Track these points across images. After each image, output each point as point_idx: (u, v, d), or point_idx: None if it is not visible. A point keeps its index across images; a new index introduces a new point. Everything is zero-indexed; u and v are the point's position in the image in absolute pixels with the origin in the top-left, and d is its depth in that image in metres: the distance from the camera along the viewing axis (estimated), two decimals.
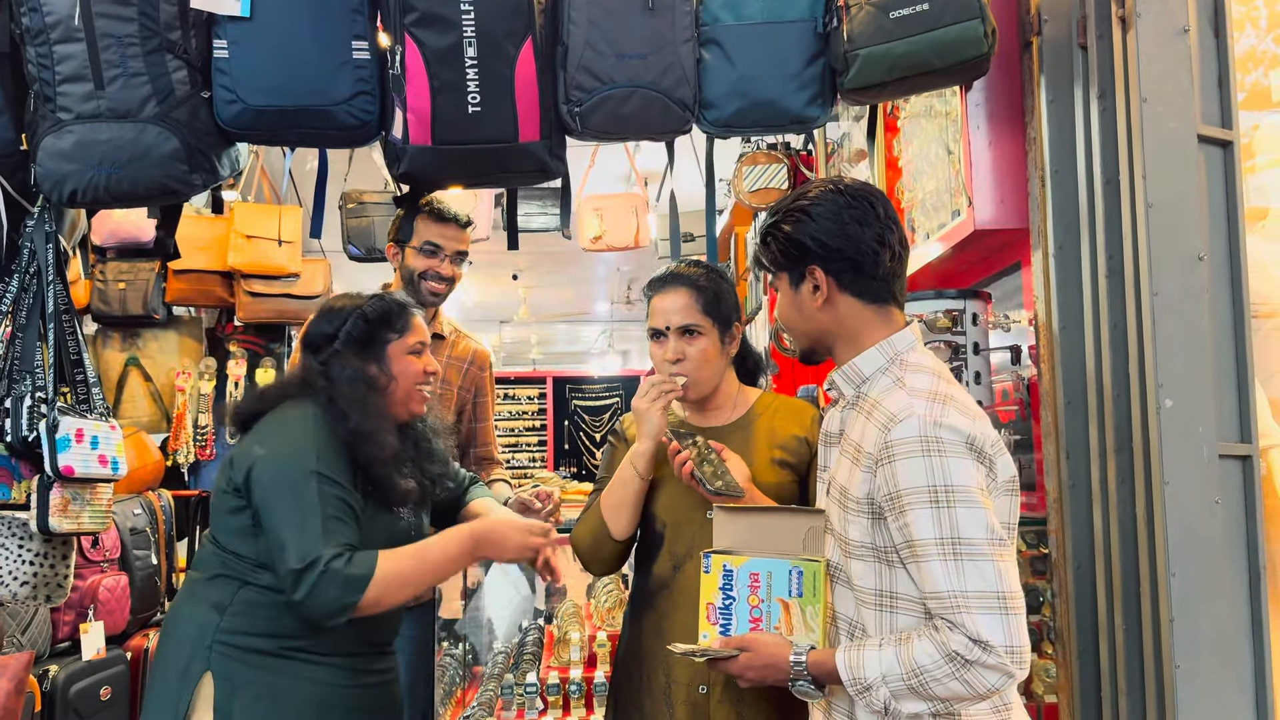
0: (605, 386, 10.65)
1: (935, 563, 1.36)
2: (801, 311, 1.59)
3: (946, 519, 1.36)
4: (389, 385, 1.99)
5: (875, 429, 1.45)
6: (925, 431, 1.39)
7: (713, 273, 2.02)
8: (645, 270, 9.41)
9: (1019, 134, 2.29)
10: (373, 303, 2.03)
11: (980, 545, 1.35)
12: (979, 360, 2.30)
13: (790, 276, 1.59)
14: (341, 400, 1.92)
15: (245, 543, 1.87)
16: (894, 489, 1.40)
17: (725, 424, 1.99)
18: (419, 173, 2.15)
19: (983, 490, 1.39)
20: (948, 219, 2.46)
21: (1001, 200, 2.29)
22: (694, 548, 1.89)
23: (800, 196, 1.59)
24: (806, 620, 1.51)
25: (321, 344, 2.00)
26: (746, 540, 1.59)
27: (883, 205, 1.57)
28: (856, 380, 1.56)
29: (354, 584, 1.79)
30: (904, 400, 1.45)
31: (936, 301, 2.30)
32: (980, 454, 1.41)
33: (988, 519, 1.37)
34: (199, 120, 2.10)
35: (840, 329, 1.57)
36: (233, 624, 1.85)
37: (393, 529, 1.95)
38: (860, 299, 1.55)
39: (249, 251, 3.88)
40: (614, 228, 4.24)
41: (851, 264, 1.54)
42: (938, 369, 1.53)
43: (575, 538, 1.98)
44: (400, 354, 2.01)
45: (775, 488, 1.88)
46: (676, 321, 1.94)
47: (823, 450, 1.65)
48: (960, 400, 1.47)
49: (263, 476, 1.85)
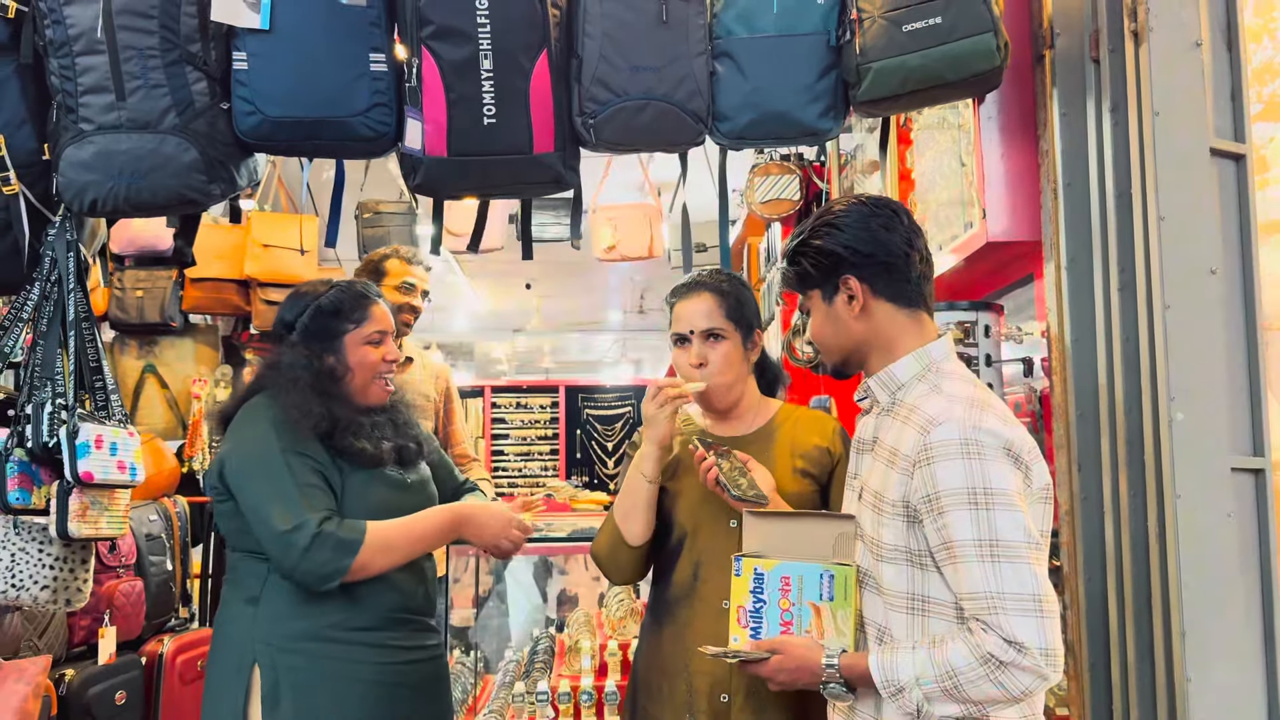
0: (618, 396, 10.64)
1: (973, 564, 1.37)
2: (837, 325, 1.61)
3: (985, 521, 1.37)
4: (345, 375, 2.05)
5: (913, 432, 1.47)
6: (965, 435, 1.41)
7: (735, 280, 2.05)
8: (658, 280, 9.42)
9: (1031, 147, 2.30)
10: (330, 294, 2.09)
11: (1018, 548, 1.37)
12: (991, 372, 2.30)
13: (824, 291, 1.61)
14: (283, 386, 2.00)
15: (250, 537, 1.93)
16: (933, 490, 1.42)
17: (747, 433, 2.00)
18: (435, 183, 2.18)
19: (1020, 494, 1.41)
20: (960, 230, 2.47)
21: (1014, 212, 2.30)
22: (716, 556, 1.90)
23: (825, 213, 1.63)
24: (837, 624, 1.52)
25: (281, 333, 2.09)
26: (776, 544, 1.61)
27: (906, 214, 1.62)
28: (892, 386, 1.58)
29: (346, 546, 1.86)
30: (943, 404, 1.47)
31: (949, 313, 2.30)
32: (1018, 460, 1.43)
33: (1025, 522, 1.38)
34: (218, 131, 2.12)
35: (876, 338, 1.59)
36: (269, 612, 1.92)
37: (387, 480, 2.03)
38: (895, 303, 1.58)
39: (266, 260, 3.92)
40: (627, 238, 4.26)
41: (884, 268, 1.57)
42: (973, 378, 1.56)
43: (594, 548, 2.00)
44: (357, 344, 2.07)
45: (797, 497, 1.90)
46: (701, 325, 1.96)
47: (854, 457, 1.67)
48: (998, 407, 1.49)
49: (233, 466, 1.93)
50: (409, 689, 1.98)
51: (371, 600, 1.96)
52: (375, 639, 1.95)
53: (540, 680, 3.58)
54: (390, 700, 1.94)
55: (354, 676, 1.91)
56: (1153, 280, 1.93)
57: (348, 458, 2.00)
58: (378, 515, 1.97)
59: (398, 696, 1.95)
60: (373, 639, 1.95)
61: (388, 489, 2.06)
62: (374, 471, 2.04)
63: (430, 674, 2.05)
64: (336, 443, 1.99)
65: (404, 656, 1.99)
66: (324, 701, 1.89)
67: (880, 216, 1.58)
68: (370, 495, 2.01)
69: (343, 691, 1.90)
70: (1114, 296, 2.03)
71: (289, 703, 1.87)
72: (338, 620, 1.93)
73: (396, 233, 4.05)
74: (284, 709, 1.86)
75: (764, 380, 2.11)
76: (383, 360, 2.09)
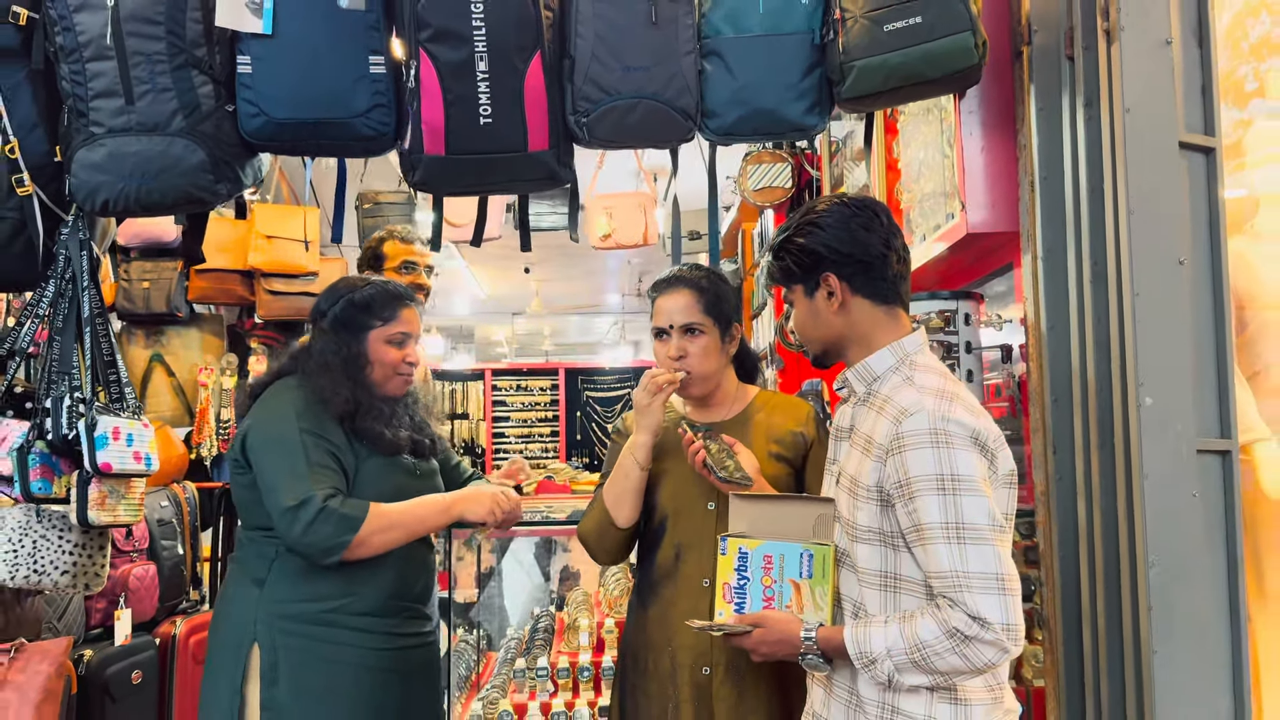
0: (617, 378, 10.73)
1: (940, 545, 1.46)
2: (818, 319, 1.69)
3: (952, 505, 1.46)
4: (365, 368, 2.16)
5: (887, 422, 1.56)
6: (934, 425, 1.50)
7: (714, 275, 2.12)
8: (656, 263, 9.47)
9: (1010, 140, 2.37)
10: (365, 290, 2.21)
11: (982, 530, 1.45)
12: (971, 359, 2.38)
13: (805, 286, 1.70)
14: (314, 370, 2.12)
15: (263, 511, 2.03)
16: (904, 476, 1.50)
17: (725, 419, 2.08)
18: (433, 181, 2.25)
19: (985, 481, 1.49)
20: (943, 220, 2.54)
21: (994, 204, 2.37)
22: (696, 537, 1.99)
23: (808, 212, 1.71)
24: (815, 600, 1.61)
25: (316, 318, 2.21)
26: (760, 526, 1.69)
27: (885, 214, 1.70)
28: (868, 378, 1.66)
29: (348, 522, 1.96)
30: (914, 396, 1.55)
31: (930, 302, 2.38)
32: (984, 448, 1.51)
33: (989, 507, 1.47)
34: (224, 132, 2.20)
35: (853, 332, 1.68)
36: (273, 593, 2.01)
37: (402, 467, 2.15)
38: (872, 300, 1.66)
39: (270, 251, 3.99)
40: (623, 226, 4.33)
41: (862, 267, 1.65)
42: (944, 371, 1.64)
43: (582, 530, 2.09)
44: (379, 341, 2.17)
45: (773, 479, 1.98)
46: (679, 320, 2.03)
47: (833, 444, 1.75)
48: (966, 399, 1.57)
49: (253, 440, 2.04)
50: (400, 675, 2.08)
51: (372, 586, 2.06)
52: (372, 625, 2.05)
53: (540, 657, 3.68)
54: (383, 685, 2.04)
55: (349, 660, 2.01)
56: (1123, 270, 2.01)
57: (368, 441, 2.11)
58: (391, 499, 2.08)
59: (389, 681, 2.06)
60: (370, 624, 2.05)
61: (403, 475, 2.16)
62: (391, 459, 2.14)
63: (422, 661, 2.16)
64: (359, 425, 2.11)
65: (399, 643, 2.09)
66: (319, 681, 1.98)
67: (860, 217, 1.66)
68: (385, 480, 2.12)
69: (337, 674, 2.00)
70: (1087, 286, 2.11)
71: (286, 681, 1.96)
72: (338, 605, 2.03)
73: (396, 223, 4.12)
74: (281, 687, 1.96)
75: (743, 369, 2.19)
76: (402, 361, 2.19)
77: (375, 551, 2.02)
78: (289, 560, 2.02)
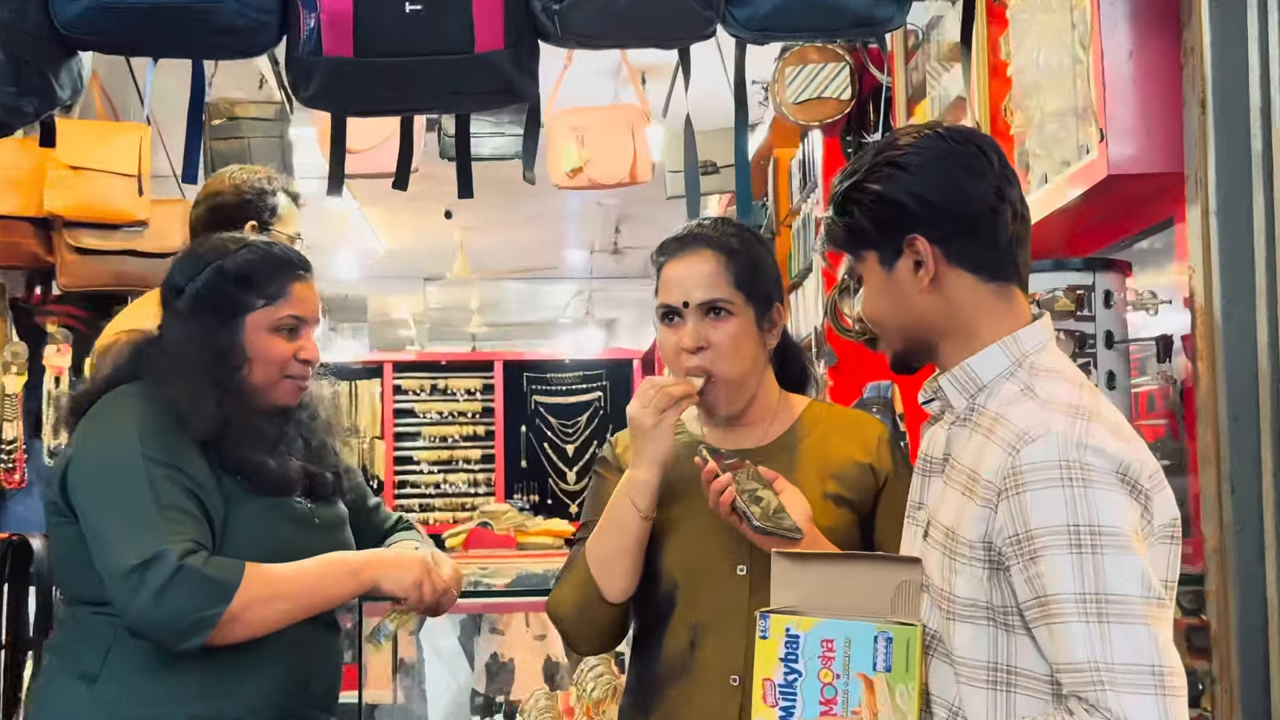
0: (582, 376, 10.81)
1: (1074, 625, 1.52)
2: (898, 299, 1.77)
3: (1091, 568, 1.52)
4: (240, 367, 2.22)
5: (998, 451, 1.62)
6: (1066, 454, 1.56)
7: (748, 234, 2.20)
8: (641, 204, 9.52)
9: (1173, 40, 2.45)
10: (240, 254, 2.27)
11: (1132, 604, 1.52)
12: (1112, 356, 2.47)
13: (881, 252, 1.77)
14: (166, 372, 2.18)
15: (94, 578, 2.08)
16: (1023, 528, 1.57)
17: (761, 444, 2.15)
18: (335, 95, 2.31)
19: (1136, 534, 1.56)
20: (1074, 155, 2.63)
21: (1147, 133, 2.45)
22: (720, 615, 2.06)
23: (888, 146, 1.78)
24: (896, 702, 1.66)
25: (170, 296, 2.28)
26: (817, 597, 1.75)
27: (997, 154, 1.77)
28: (971, 388, 1.74)
29: (216, 590, 2.02)
30: (1037, 414, 1.62)
31: (1055, 275, 2.46)
32: (1135, 487, 1.58)
33: (1143, 570, 1.53)
34: (28, 22, 2.24)
35: (949, 320, 1.75)
36: (107, 694, 2.07)
37: (291, 513, 2.22)
38: (977, 274, 1.73)
39: (75, 190, 4.02)
40: (601, 155, 4.41)
41: (965, 227, 1.72)
42: (1078, 377, 1.72)
43: (555, 604, 2.16)
44: (261, 328, 2.24)
45: (830, 530, 2.05)
46: (698, 296, 2.10)
47: (917, 481, 1.82)
48: (1109, 416, 1.64)
49: (78, 474, 2.10)
50: None
51: (253, 684, 2.12)
52: None
53: None
54: None
55: None
56: None
57: (243, 475, 2.18)
58: (276, 558, 2.14)
59: None
60: None
61: (291, 525, 2.23)
62: (276, 501, 2.21)
63: None
64: (228, 453, 2.17)
65: None
66: None
67: (961, 156, 1.73)
68: (266, 531, 2.18)
69: None
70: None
71: None
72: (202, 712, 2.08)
73: (262, 146, 4.18)
74: None
75: (787, 372, 2.27)
76: (294, 359, 2.26)
77: (255, 632, 2.07)
78: (131, 646, 2.08)
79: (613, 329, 14.50)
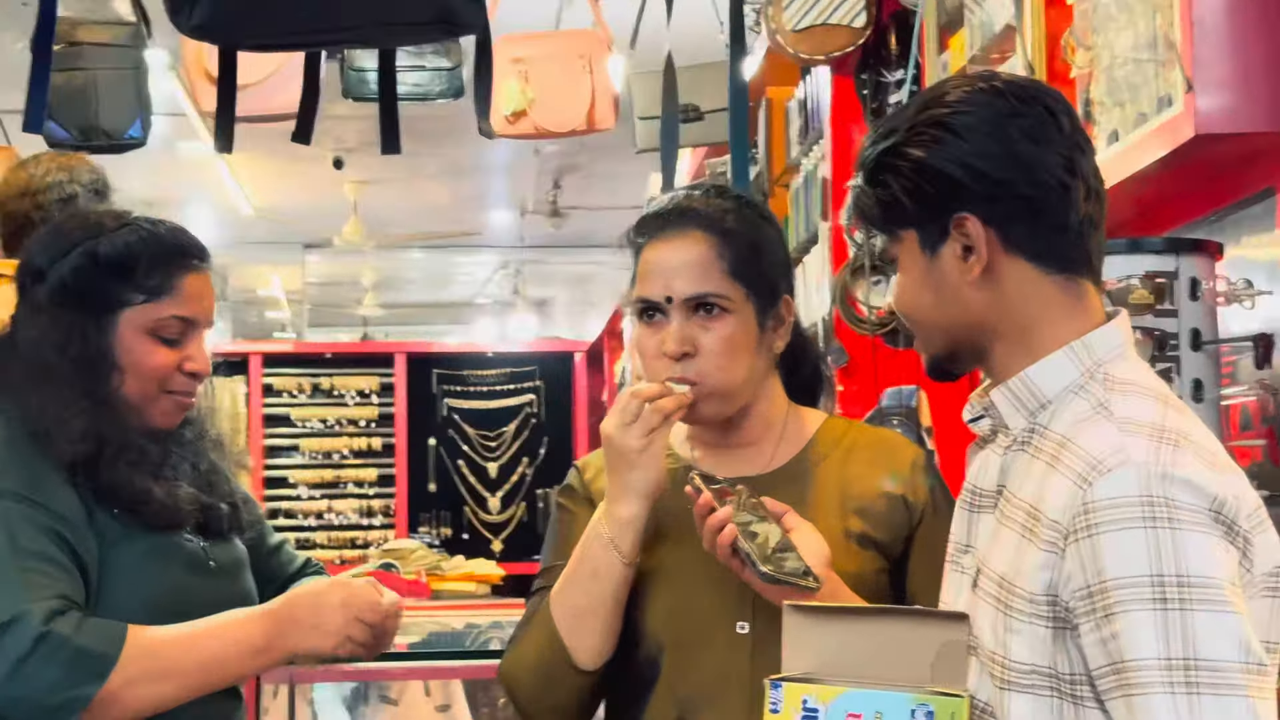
0: (509, 373, 10.83)
1: (1158, 697, 1.57)
2: (941, 291, 1.83)
3: (1179, 629, 1.58)
4: (110, 374, 2.28)
5: (1066, 483, 1.69)
6: (1149, 489, 1.62)
7: (748, 208, 2.27)
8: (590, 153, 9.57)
9: None
10: (118, 235, 2.32)
11: (1230, 673, 1.57)
12: (1200, 360, 2.54)
13: (922, 234, 1.83)
14: (23, 379, 2.24)
15: None
16: (1096, 580, 1.63)
17: (765, 470, 2.23)
18: (228, 25, 2.39)
19: (1234, 586, 1.62)
20: (1150, 109, 2.71)
21: (1244, 84, 2.53)
22: (716, 682, 2.12)
23: (933, 103, 1.83)
24: None
25: (25, 285, 2.34)
26: (840, 661, 1.80)
27: (1069, 116, 1.83)
28: (1031, 404, 1.81)
29: (89, 663, 2.07)
30: (1113, 438, 1.68)
31: (1129, 259, 2.51)
32: (1231, 528, 1.64)
33: (1241, 631, 1.59)
34: None
35: (1004, 319, 1.82)
36: None
37: (182, 555, 2.29)
38: (1039, 264, 1.80)
39: None
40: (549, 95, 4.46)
41: (1026, 205, 1.78)
42: (1162, 391, 1.79)
43: (511, 670, 2.22)
44: (138, 330, 2.30)
45: (853, 579, 2.12)
46: (684, 289, 2.16)
47: (963, 518, 1.89)
48: (1200, 439, 1.71)
49: None
50: None
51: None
52: None
53: None
54: None
55: None
56: None
57: (121, 507, 2.24)
58: (162, 612, 2.19)
59: None
60: None
61: (182, 569, 2.30)
62: (161, 537, 2.27)
63: None
64: (103, 479, 2.22)
65: None
66: None
67: (1024, 117, 1.78)
68: (153, 578, 2.24)
69: None
70: None
71: None
72: None
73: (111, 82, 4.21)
74: None
75: (797, 380, 2.35)
76: (177, 370, 2.32)
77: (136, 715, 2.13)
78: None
79: (548, 312, 14.55)
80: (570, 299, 14.47)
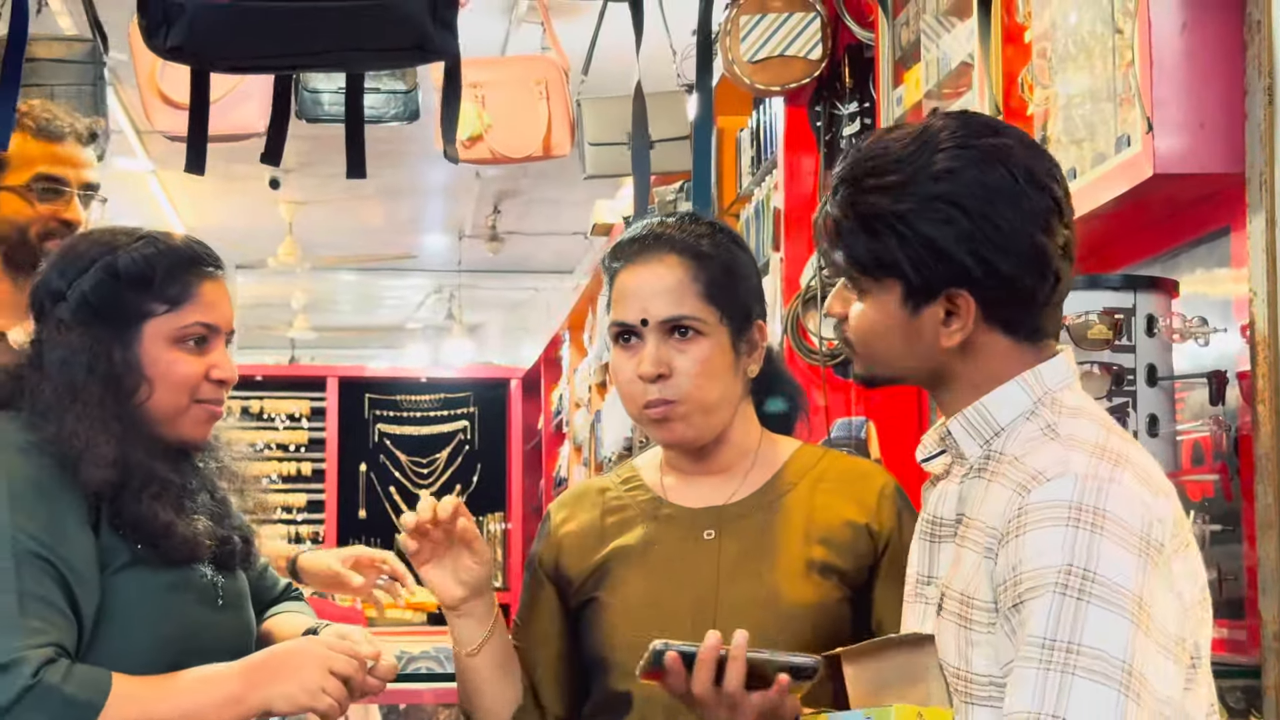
0: (443, 399, 10.81)
1: (1030, 670, 1.64)
2: (913, 343, 1.89)
3: (1070, 614, 1.64)
4: (138, 388, 2.31)
5: (1007, 492, 1.77)
6: (1083, 498, 1.69)
7: (722, 234, 2.34)
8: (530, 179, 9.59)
9: (1235, 13, 2.59)
10: (134, 249, 2.35)
11: (1110, 665, 1.62)
12: (1155, 396, 2.62)
13: (908, 290, 1.87)
14: (52, 402, 2.26)
15: None
16: (1013, 572, 1.70)
17: (733, 500, 2.29)
18: (204, 48, 2.42)
19: (1143, 607, 1.66)
20: (1109, 149, 2.78)
21: (1202, 124, 2.60)
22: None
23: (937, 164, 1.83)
24: None
25: (45, 307, 2.36)
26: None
27: (1056, 175, 1.88)
28: (986, 432, 1.88)
29: (75, 713, 2.09)
30: (1057, 454, 1.76)
31: (1087, 294, 2.59)
32: (1160, 551, 1.70)
33: (1134, 642, 1.64)
34: None
35: (966, 374, 1.90)
36: None
37: (195, 589, 2.31)
38: (1011, 335, 1.88)
39: None
40: (506, 120, 4.48)
41: (1010, 284, 1.84)
42: (1106, 419, 1.86)
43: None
44: (163, 340, 2.33)
45: (815, 610, 2.19)
46: (660, 311, 2.23)
47: (922, 550, 1.95)
48: (1140, 463, 1.78)
49: None
50: None
51: None
52: None
53: None
54: None
55: None
56: None
57: (143, 540, 2.26)
58: (172, 646, 2.24)
59: None
60: None
61: (194, 603, 2.32)
62: (178, 572, 2.30)
63: None
64: (127, 510, 2.25)
65: None
66: None
67: (1023, 192, 1.82)
68: (167, 612, 2.27)
69: None
70: None
71: None
72: None
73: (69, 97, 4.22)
74: None
75: (767, 408, 2.41)
76: (205, 377, 2.34)
77: None
78: None
79: (482, 338, 14.54)
80: (506, 324, 14.46)
